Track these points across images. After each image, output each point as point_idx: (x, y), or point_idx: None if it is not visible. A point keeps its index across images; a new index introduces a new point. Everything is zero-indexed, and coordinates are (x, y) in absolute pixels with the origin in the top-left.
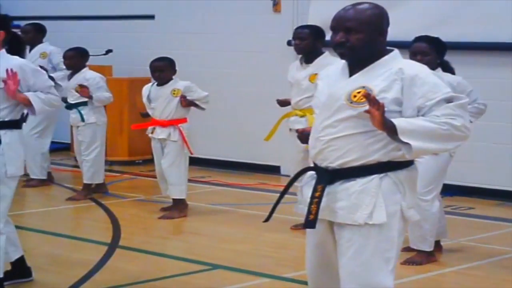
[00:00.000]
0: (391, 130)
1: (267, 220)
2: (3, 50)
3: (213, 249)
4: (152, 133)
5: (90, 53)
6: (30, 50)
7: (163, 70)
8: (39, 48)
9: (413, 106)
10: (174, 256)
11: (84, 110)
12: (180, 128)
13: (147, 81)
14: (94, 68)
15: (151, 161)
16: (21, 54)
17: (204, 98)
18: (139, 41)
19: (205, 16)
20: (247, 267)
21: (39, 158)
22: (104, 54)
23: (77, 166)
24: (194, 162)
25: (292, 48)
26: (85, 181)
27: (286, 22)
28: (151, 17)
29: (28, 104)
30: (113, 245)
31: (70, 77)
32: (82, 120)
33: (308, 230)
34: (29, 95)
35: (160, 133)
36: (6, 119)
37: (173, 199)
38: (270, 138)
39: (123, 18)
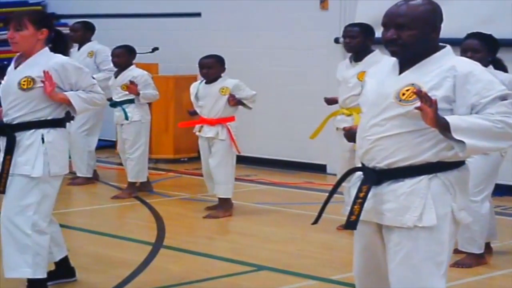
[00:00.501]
0: (443, 128)
1: (315, 222)
2: (46, 48)
3: (258, 249)
4: (199, 131)
5: (137, 51)
6: (79, 49)
7: (211, 67)
8: (87, 47)
9: (467, 104)
10: (219, 257)
11: (129, 108)
12: (228, 127)
13: (193, 79)
14: (140, 66)
15: (196, 159)
16: (65, 52)
17: (252, 97)
18: (185, 39)
19: (252, 14)
20: (293, 268)
21: (86, 156)
22: (150, 52)
23: (122, 164)
24: (240, 160)
25: (339, 45)
26: (129, 180)
27: (333, 19)
28: (198, 14)
29: (68, 103)
30: (157, 245)
31: (116, 74)
32: (126, 118)
33: (356, 232)
34: (69, 94)
35: (208, 131)
36: (49, 118)
37: (219, 198)
38: (316, 137)
39: (170, 16)
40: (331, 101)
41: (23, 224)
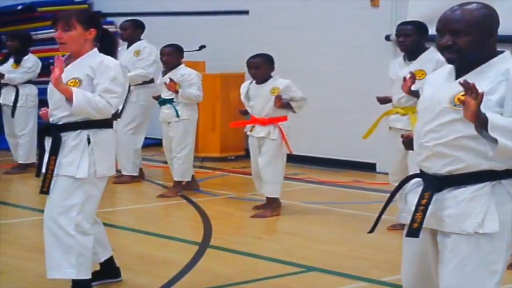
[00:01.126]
0: (481, 123)
1: (371, 231)
2: (95, 49)
3: (307, 250)
4: (251, 131)
5: (184, 49)
6: (128, 47)
7: (258, 67)
8: (135, 46)
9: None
10: (266, 257)
11: (178, 106)
12: (280, 126)
13: (240, 77)
14: (187, 64)
15: (243, 157)
16: (113, 52)
17: (301, 101)
18: (233, 36)
19: (300, 11)
20: (342, 269)
21: (132, 155)
22: (198, 50)
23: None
24: (288, 158)
25: (390, 43)
26: (176, 179)
27: (384, 17)
28: (246, 12)
29: (69, 97)
30: (204, 245)
31: (165, 73)
32: (177, 115)
33: (406, 238)
34: (74, 89)
35: (259, 131)
36: (95, 118)
37: (267, 198)
38: (369, 136)
39: (217, 14)
40: (383, 100)
41: (66, 224)
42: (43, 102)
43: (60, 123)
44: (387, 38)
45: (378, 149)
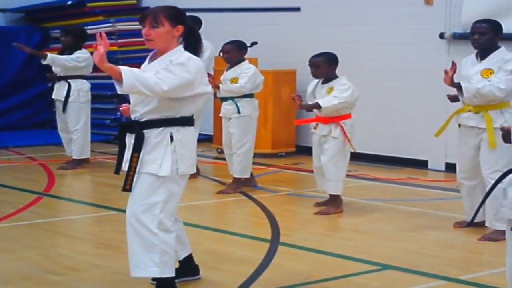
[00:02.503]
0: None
1: (469, 225)
2: (181, 47)
3: (379, 247)
4: (315, 128)
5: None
6: None
7: (318, 66)
8: None
9: None
10: (340, 255)
11: (240, 102)
12: (342, 125)
13: (291, 73)
14: None
15: (294, 153)
16: (197, 50)
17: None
18: (284, 33)
19: (353, 9)
20: (418, 267)
21: None
22: (249, 46)
23: (219, 158)
24: None
25: (444, 41)
26: (235, 175)
27: (438, 14)
28: (297, 9)
29: (118, 77)
30: (275, 242)
31: (228, 69)
32: (238, 112)
33: (510, 233)
34: (122, 67)
35: (321, 129)
36: (178, 116)
37: (330, 195)
38: (440, 134)
39: (269, 11)
40: (454, 98)
41: (149, 222)
42: (95, 98)
43: (143, 119)
44: (441, 36)
45: (430, 146)
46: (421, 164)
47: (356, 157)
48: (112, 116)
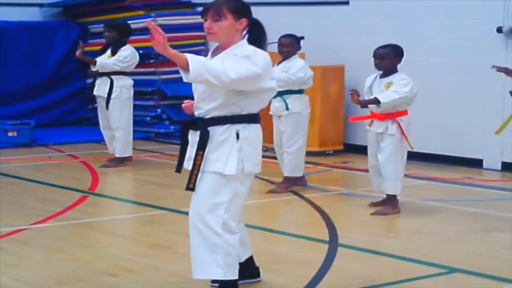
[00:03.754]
0: None
1: None
2: (245, 41)
3: (443, 250)
4: (370, 125)
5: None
6: None
7: (383, 57)
8: None
9: None
10: (403, 257)
11: (289, 99)
12: (399, 122)
13: (340, 69)
14: None
15: (342, 151)
16: (262, 45)
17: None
18: (332, 27)
19: (404, 2)
20: (486, 271)
21: None
22: None
23: (266, 156)
24: None
25: (501, 35)
26: (286, 174)
27: (496, 8)
28: (346, 3)
29: (184, 64)
30: (333, 243)
31: (278, 63)
32: (287, 109)
33: None
34: (188, 54)
35: (377, 126)
36: (244, 113)
37: (387, 195)
38: (501, 132)
39: (317, 4)
40: None
41: (214, 223)
42: (138, 94)
43: (207, 116)
44: (499, 30)
45: (485, 145)
46: (476, 163)
47: (409, 155)
48: (152, 113)
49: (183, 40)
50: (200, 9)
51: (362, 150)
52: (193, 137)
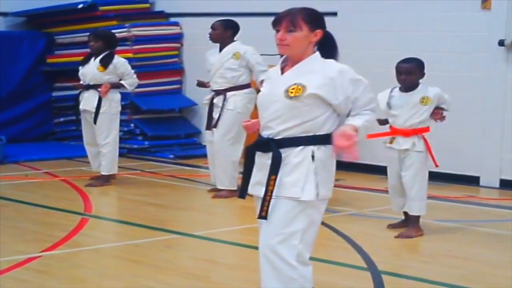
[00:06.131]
0: None
1: None
2: (318, 53)
3: (491, 276)
4: (390, 142)
5: (267, 52)
6: (220, 49)
7: (411, 72)
8: (231, 48)
9: None
10: (453, 285)
11: None
12: (425, 138)
13: None
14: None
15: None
16: (335, 58)
17: (449, 106)
18: None
19: (395, 13)
20: None
21: (230, 167)
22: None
23: None
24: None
25: (502, 48)
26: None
27: (497, 20)
28: (334, 14)
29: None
30: (374, 270)
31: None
32: None
33: None
34: (358, 124)
35: (402, 143)
36: (318, 133)
37: (411, 216)
38: None
39: None
40: None
41: (288, 254)
42: (123, 108)
43: (278, 137)
44: (501, 43)
45: (483, 162)
46: (472, 181)
47: None
48: (125, 128)
49: (157, 52)
50: (173, 19)
51: (353, 167)
52: (261, 159)
